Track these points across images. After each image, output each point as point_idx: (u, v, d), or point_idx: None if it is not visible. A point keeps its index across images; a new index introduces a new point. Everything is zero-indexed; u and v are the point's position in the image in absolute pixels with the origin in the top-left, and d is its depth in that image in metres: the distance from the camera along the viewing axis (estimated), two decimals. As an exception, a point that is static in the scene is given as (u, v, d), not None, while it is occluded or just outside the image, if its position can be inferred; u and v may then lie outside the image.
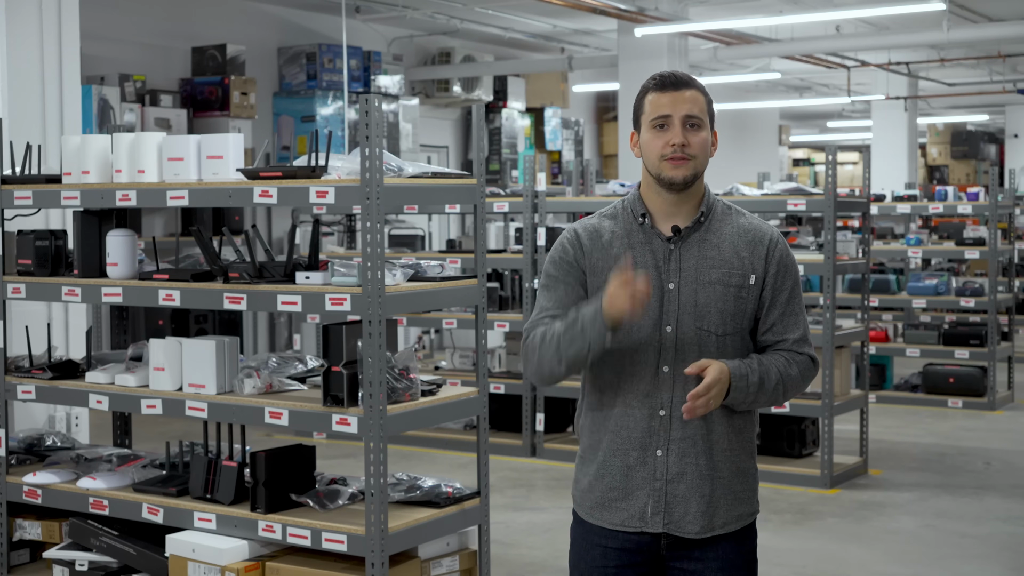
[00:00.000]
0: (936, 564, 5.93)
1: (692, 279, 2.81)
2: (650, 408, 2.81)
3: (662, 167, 2.81)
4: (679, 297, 2.80)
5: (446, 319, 8.24)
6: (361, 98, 4.13)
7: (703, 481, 2.81)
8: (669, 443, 2.81)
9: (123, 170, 4.68)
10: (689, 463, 2.81)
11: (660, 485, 2.81)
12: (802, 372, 2.88)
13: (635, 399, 2.82)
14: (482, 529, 4.60)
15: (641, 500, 2.83)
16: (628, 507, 2.84)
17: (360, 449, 4.33)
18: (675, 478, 2.81)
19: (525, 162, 8.22)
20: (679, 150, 2.79)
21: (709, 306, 2.80)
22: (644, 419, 2.81)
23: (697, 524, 2.81)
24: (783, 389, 2.85)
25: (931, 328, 10.55)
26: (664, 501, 2.81)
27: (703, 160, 2.83)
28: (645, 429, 2.81)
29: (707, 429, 2.82)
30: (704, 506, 2.81)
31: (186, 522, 4.57)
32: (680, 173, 2.80)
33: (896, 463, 8.08)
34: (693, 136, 2.80)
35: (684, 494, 2.81)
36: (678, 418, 2.80)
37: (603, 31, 14.57)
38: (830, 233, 7.24)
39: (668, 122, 2.80)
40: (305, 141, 11.05)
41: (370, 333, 4.11)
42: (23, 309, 5.76)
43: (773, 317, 2.87)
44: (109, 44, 10.50)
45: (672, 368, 2.80)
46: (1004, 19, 13.92)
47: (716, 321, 2.81)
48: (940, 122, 23.84)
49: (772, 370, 2.83)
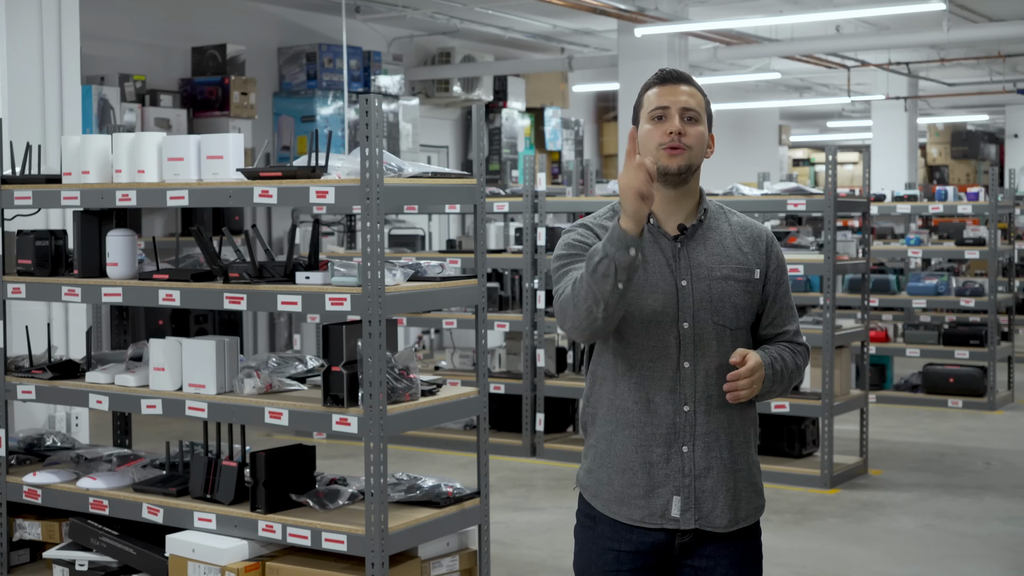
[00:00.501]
0: (936, 564, 5.93)
1: (705, 275, 2.85)
2: (674, 404, 2.83)
3: (659, 156, 2.83)
4: (693, 293, 2.84)
5: (446, 319, 8.24)
6: (361, 98, 4.13)
7: (728, 475, 2.86)
8: (695, 438, 2.83)
9: (123, 170, 4.68)
10: (715, 457, 2.84)
11: (689, 481, 2.83)
12: (802, 362, 2.98)
13: (658, 395, 2.84)
14: (482, 529, 4.60)
15: (664, 497, 2.83)
16: (650, 504, 2.85)
17: (360, 449, 4.33)
18: (702, 473, 2.83)
19: (525, 162, 8.22)
20: (676, 139, 2.82)
21: (723, 300, 2.85)
22: (669, 415, 2.83)
23: (725, 518, 2.85)
24: (789, 378, 2.93)
25: (931, 328, 10.55)
26: (693, 497, 2.83)
27: (698, 153, 2.86)
28: (670, 425, 2.83)
29: (728, 423, 2.86)
30: (730, 499, 2.86)
31: (186, 522, 4.57)
32: (675, 162, 2.83)
33: (896, 463, 8.08)
34: (689, 128, 2.85)
35: (712, 488, 2.84)
36: (703, 413, 2.83)
37: (603, 31, 14.57)
38: (830, 233, 7.24)
39: (666, 113, 2.85)
40: (305, 141, 11.06)
41: (370, 333, 4.11)
42: (23, 309, 5.76)
43: (775, 311, 2.95)
44: (109, 44, 10.50)
45: (693, 364, 2.83)
46: (1004, 19, 13.92)
47: (731, 315, 2.86)
48: (940, 122, 23.85)
49: (788, 360, 2.92)
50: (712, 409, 2.84)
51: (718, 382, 2.83)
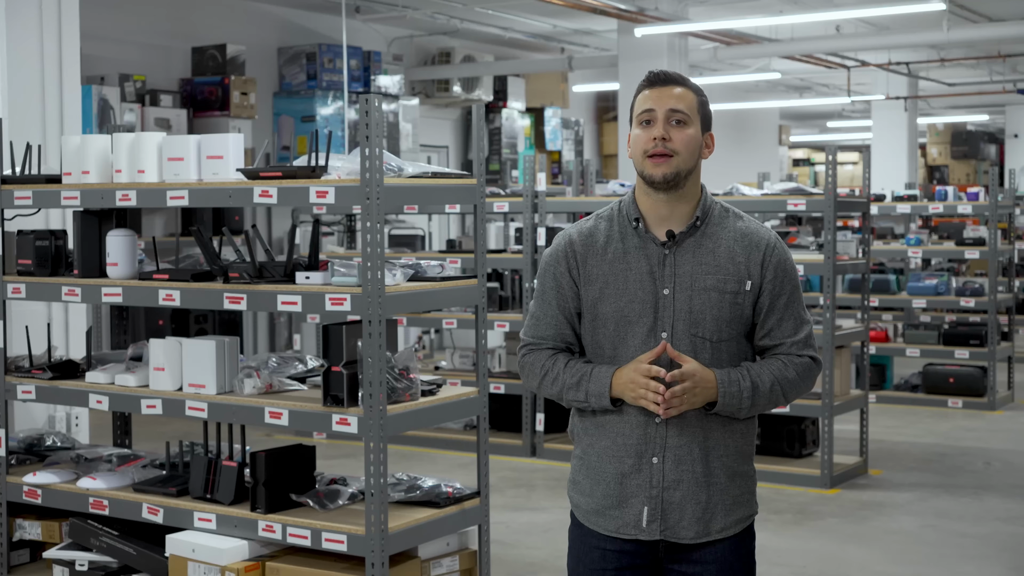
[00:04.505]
0: (936, 564, 5.93)
1: (687, 285, 2.79)
2: (646, 415, 2.80)
3: (644, 164, 2.79)
4: (674, 303, 2.79)
5: (446, 319, 8.24)
6: (361, 98, 4.13)
7: (699, 488, 2.80)
8: (665, 450, 2.79)
9: (123, 170, 4.68)
10: (685, 470, 2.80)
11: (656, 492, 2.80)
12: (801, 374, 2.86)
13: (631, 406, 2.80)
14: (482, 529, 4.60)
15: (636, 508, 2.82)
16: (623, 515, 2.83)
17: (360, 449, 4.33)
18: (671, 485, 2.80)
19: (525, 162, 8.23)
20: (660, 144, 2.76)
21: (704, 312, 2.78)
22: (640, 426, 2.80)
23: (692, 530, 2.81)
24: (781, 391, 2.83)
25: (931, 328, 10.54)
26: (660, 508, 2.80)
27: (687, 158, 2.78)
28: (641, 436, 2.80)
29: (704, 436, 2.80)
30: (700, 512, 2.81)
31: (186, 522, 4.57)
32: (660, 171, 2.77)
33: (896, 463, 8.08)
34: (676, 132, 2.77)
35: (680, 501, 2.80)
36: (674, 425, 2.79)
37: (603, 31, 14.57)
38: (830, 233, 7.24)
39: (652, 117, 2.79)
40: (305, 141, 11.06)
41: (370, 333, 4.11)
42: (23, 309, 5.76)
43: (771, 322, 2.85)
44: (109, 44, 10.50)
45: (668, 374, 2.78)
46: (1004, 19, 13.91)
47: (711, 328, 2.79)
48: (940, 122, 23.84)
49: (764, 374, 2.82)
50: (685, 422, 2.78)
51: None
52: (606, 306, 2.82)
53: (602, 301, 2.83)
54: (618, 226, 2.87)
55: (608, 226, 2.88)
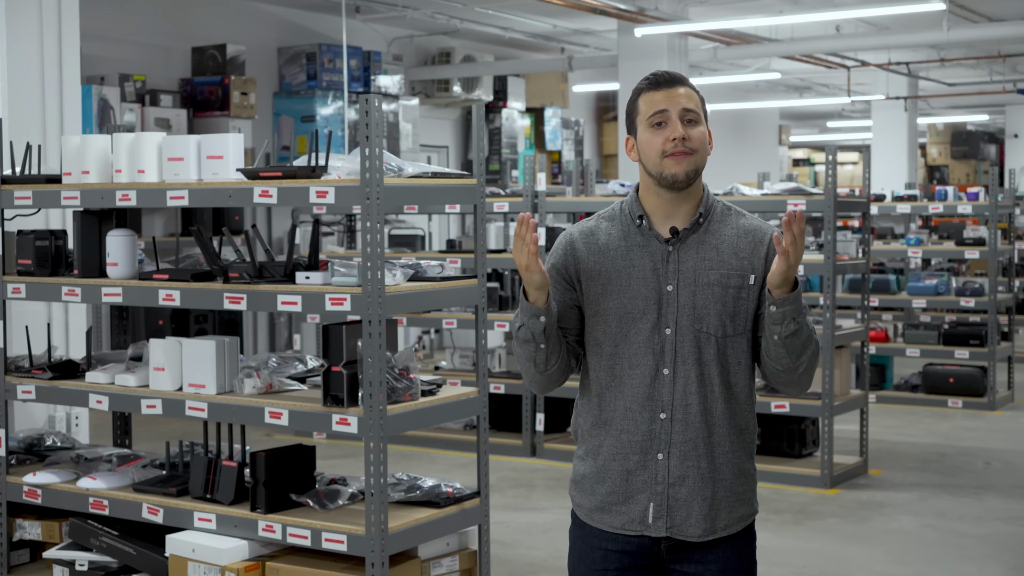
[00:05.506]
0: (936, 564, 5.93)
1: (690, 281, 2.79)
2: (651, 411, 2.79)
3: (664, 164, 2.78)
4: (678, 299, 2.79)
5: (446, 319, 8.23)
6: (361, 98, 4.13)
7: (705, 484, 2.80)
8: (670, 446, 2.79)
9: (123, 170, 4.68)
10: (691, 466, 2.79)
11: (662, 489, 2.80)
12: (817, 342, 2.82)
13: (635, 402, 2.80)
14: (482, 529, 4.60)
15: (641, 504, 2.81)
16: (628, 511, 2.83)
17: (360, 449, 4.33)
18: (677, 481, 2.79)
19: (525, 162, 8.23)
20: (680, 144, 2.76)
21: (707, 308, 2.78)
22: (645, 422, 2.80)
23: (699, 527, 2.80)
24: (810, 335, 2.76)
25: (931, 328, 10.54)
26: (666, 505, 2.80)
27: (703, 155, 2.80)
28: (646, 432, 2.80)
29: (708, 432, 2.80)
30: (706, 509, 2.80)
31: (186, 522, 4.57)
32: (683, 168, 2.77)
33: (896, 463, 8.08)
34: (692, 130, 2.78)
35: (686, 497, 2.79)
36: (679, 421, 2.78)
37: (603, 31, 14.57)
38: (830, 233, 7.24)
39: (666, 118, 2.78)
40: (305, 141, 11.05)
41: (370, 333, 4.11)
42: (23, 309, 5.76)
43: None
44: (109, 44, 10.50)
45: (672, 371, 2.78)
46: (1004, 19, 13.91)
47: (715, 323, 2.79)
48: (940, 122, 23.84)
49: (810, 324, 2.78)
50: (690, 418, 2.78)
51: (698, 391, 2.77)
52: (609, 302, 2.82)
53: (604, 297, 2.83)
54: (620, 225, 2.87)
55: (610, 225, 2.88)
